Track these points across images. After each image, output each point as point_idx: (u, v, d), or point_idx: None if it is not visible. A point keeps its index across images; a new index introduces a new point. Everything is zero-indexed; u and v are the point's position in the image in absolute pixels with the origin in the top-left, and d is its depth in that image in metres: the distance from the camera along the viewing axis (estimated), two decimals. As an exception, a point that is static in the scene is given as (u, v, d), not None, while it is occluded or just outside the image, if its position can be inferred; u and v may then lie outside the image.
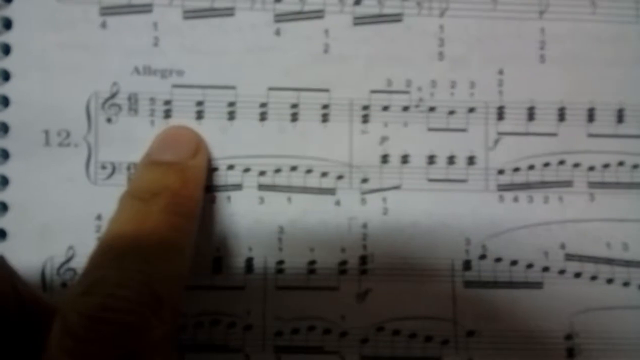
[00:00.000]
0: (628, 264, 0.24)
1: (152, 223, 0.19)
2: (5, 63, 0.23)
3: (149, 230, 0.19)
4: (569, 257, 0.24)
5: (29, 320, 0.18)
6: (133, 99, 0.23)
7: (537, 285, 0.23)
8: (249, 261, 0.23)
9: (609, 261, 0.24)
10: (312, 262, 0.23)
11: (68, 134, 0.23)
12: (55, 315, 0.17)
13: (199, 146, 0.22)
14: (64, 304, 0.17)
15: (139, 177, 0.21)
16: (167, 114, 0.23)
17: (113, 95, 0.23)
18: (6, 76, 0.23)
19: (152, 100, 0.23)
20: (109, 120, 0.23)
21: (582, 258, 0.24)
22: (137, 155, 0.23)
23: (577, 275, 0.23)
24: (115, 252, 0.18)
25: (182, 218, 0.20)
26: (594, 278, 0.23)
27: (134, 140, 0.23)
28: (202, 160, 0.22)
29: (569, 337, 0.23)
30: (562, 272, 0.23)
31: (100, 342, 0.16)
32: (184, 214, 0.20)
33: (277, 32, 0.23)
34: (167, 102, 0.23)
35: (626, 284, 0.24)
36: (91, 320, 0.16)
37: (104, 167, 0.23)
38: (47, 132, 0.23)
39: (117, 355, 0.16)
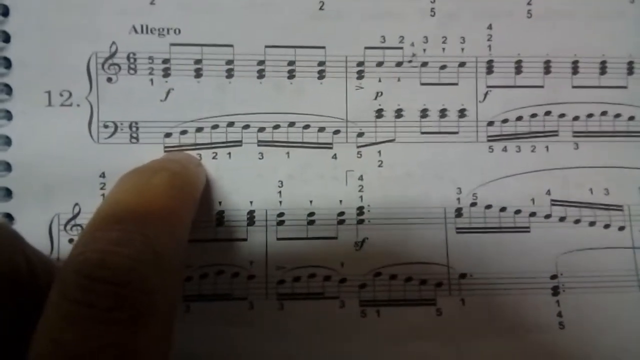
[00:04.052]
0: (608, 207, 0.25)
1: (152, 193, 0.19)
2: (5, 25, 0.23)
3: (150, 199, 0.18)
4: (554, 202, 0.25)
5: (39, 286, 0.17)
6: (132, 59, 0.24)
7: (525, 229, 0.25)
8: (251, 214, 0.24)
9: (591, 205, 0.25)
10: (311, 214, 0.24)
11: (70, 95, 0.23)
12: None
13: (200, 162, 0.23)
14: (62, 265, 0.16)
15: (140, 165, 0.21)
16: (166, 73, 0.24)
17: (112, 55, 0.23)
18: (6, 38, 0.23)
19: (151, 59, 0.24)
20: (109, 79, 0.23)
21: (566, 203, 0.25)
22: (138, 113, 0.23)
23: (562, 219, 0.25)
24: (115, 217, 0.17)
25: (183, 193, 0.20)
26: (577, 221, 0.25)
27: (134, 99, 0.23)
28: (203, 172, 0.23)
29: (554, 276, 0.25)
30: (547, 216, 0.25)
31: (98, 305, 0.15)
32: (184, 190, 0.20)
33: (273, -10, 0.24)
34: (166, 61, 0.24)
35: (607, 226, 0.25)
36: (89, 279, 0.15)
37: (106, 126, 0.23)
38: (49, 93, 0.23)
39: (116, 319, 0.15)
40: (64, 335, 0.14)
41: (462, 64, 0.25)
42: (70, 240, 0.23)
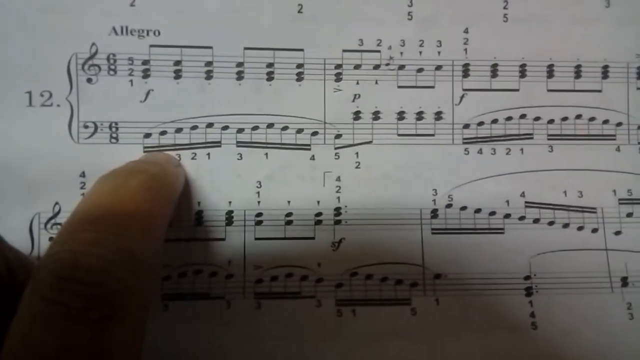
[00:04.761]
0: (582, 209, 0.25)
1: (128, 195, 0.19)
2: (-15, 25, 0.23)
3: (126, 200, 0.18)
4: (529, 204, 0.25)
5: (17, 284, 0.17)
6: (112, 60, 0.24)
7: (499, 230, 0.25)
8: (229, 214, 0.24)
9: (565, 207, 0.25)
10: (289, 214, 0.24)
11: (50, 95, 0.23)
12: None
13: (179, 163, 0.24)
14: (37, 265, 0.16)
15: (118, 167, 0.21)
16: (146, 74, 0.24)
17: (92, 56, 0.24)
18: (-14, 38, 0.23)
19: (131, 60, 0.24)
20: (89, 80, 0.24)
21: (540, 205, 0.25)
22: (118, 114, 0.24)
23: (536, 221, 0.25)
24: (90, 218, 0.17)
25: (159, 195, 0.20)
26: (551, 223, 0.25)
27: (114, 99, 0.24)
28: (182, 172, 0.23)
29: (527, 277, 0.25)
30: (522, 218, 0.25)
31: (72, 304, 0.15)
32: (161, 192, 0.20)
33: (252, -7, 0.24)
34: (146, 62, 0.24)
35: (580, 228, 0.25)
36: (62, 280, 0.15)
37: (86, 127, 0.24)
38: (30, 94, 0.23)
39: (90, 319, 0.15)
40: (36, 333, 0.14)
41: (438, 67, 0.25)
42: (51, 239, 0.23)
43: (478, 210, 0.25)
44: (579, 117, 0.25)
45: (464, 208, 0.25)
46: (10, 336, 0.15)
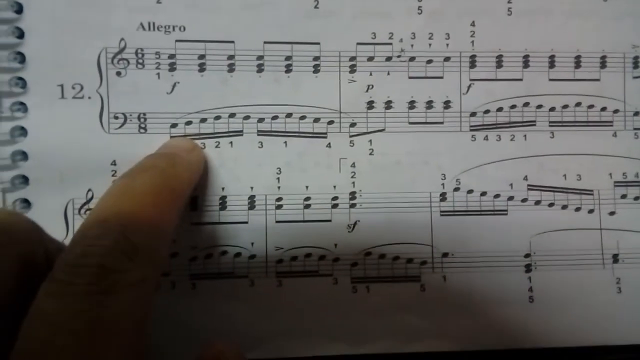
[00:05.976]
0: (580, 192, 0.27)
1: (135, 193, 0.20)
2: (19, 22, 0.24)
3: (131, 198, 0.20)
4: (531, 187, 0.27)
5: None
6: (140, 54, 0.25)
7: (503, 212, 0.27)
8: (251, 199, 0.26)
9: (565, 190, 0.27)
10: (307, 199, 0.26)
11: (82, 88, 0.25)
12: None
13: (194, 147, 0.25)
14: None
15: (133, 166, 0.22)
16: (172, 67, 0.25)
17: (121, 51, 0.25)
18: (21, 34, 0.24)
19: (158, 54, 0.25)
20: (118, 73, 0.25)
21: (542, 188, 0.27)
22: (146, 105, 0.25)
23: (537, 202, 0.27)
24: (99, 218, 0.19)
25: (164, 189, 0.21)
26: (551, 205, 0.27)
27: (142, 92, 0.25)
28: (196, 157, 0.24)
29: (527, 255, 0.27)
30: (524, 200, 0.27)
31: (79, 283, 0.17)
32: (167, 185, 0.21)
33: (271, -11, 0.25)
34: (172, 56, 0.25)
35: (578, 209, 0.27)
36: (72, 266, 0.17)
37: (116, 118, 0.25)
38: (62, 86, 0.25)
39: (94, 291, 0.17)
40: (44, 306, 0.16)
41: (447, 59, 0.26)
42: (84, 224, 0.25)
43: (484, 193, 0.27)
44: (578, 104, 0.27)
45: (470, 191, 0.27)
46: (28, 313, 0.17)
